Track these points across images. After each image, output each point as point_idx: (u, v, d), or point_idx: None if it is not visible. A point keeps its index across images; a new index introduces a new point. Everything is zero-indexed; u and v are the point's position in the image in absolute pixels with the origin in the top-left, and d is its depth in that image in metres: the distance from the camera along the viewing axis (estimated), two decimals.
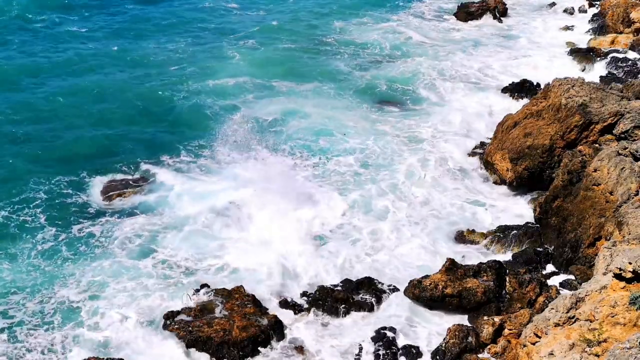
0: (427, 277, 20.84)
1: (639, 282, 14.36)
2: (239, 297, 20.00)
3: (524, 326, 17.13)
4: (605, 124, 25.36)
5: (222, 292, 20.29)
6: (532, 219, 25.01)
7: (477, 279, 20.56)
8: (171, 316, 19.34)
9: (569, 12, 52.71)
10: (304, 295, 21.15)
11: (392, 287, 21.34)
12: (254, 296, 20.26)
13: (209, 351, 18.53)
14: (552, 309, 15.47)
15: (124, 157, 28.89)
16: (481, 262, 21.59)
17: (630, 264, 14.37)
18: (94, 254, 22.82)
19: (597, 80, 35.48)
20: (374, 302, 20.81)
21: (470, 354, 18.19)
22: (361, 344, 19.09)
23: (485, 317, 19.39)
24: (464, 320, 19.99)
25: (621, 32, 44.31)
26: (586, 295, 15.11)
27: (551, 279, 21.59)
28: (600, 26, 47.32)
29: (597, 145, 25.06)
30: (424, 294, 20.37)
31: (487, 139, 30.17)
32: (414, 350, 18.85)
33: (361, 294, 21.08)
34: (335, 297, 20.66)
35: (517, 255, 22.89)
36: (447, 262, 20.96)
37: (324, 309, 20.48)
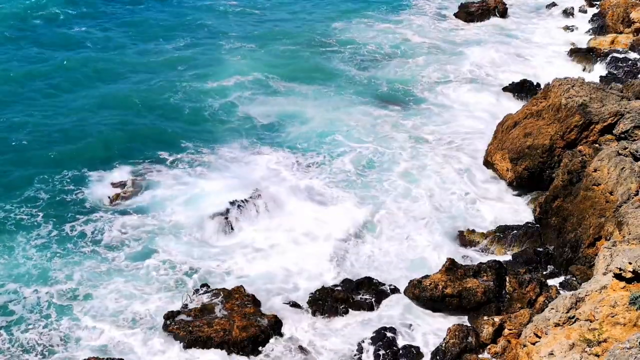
0: (427, 277, 20.85)
1: (639, 282, 14.36)
2: (239, 297, 20.00)
3: (524, 326, 17.11)
4: (605, 124, 25.36)
5: (222, 292, 20.30)
6: (532, 219, 25.01)
7: (477, 279, 20.56)
8: (171, 316, 19.34)
9: (568, 13, 52.72)
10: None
11: (392, 287, 21.36)
12: (254, 296, 20.26)
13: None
14: (552, 309, 15.46)
15: (124, 157, 28.85)
16: (481, 262, 21.60)
17: (630, 264, 14.36)
18: (94, 253, 22.80)
19: (597, 80, 35.49)
20: (374, 302, 20.82)
21: (470, 354, 18.18)
22: (361, 344, 19.07)
23: (485, 317, 19.39)
24: (463, 320, 20.01)
25: (621, 32, 44.33)
26: (586, 295, 15.11)
27: (551, 279, 21.59)
28: (600, 26, 47.35)
29: (597, 145, 25.05)
30: (424, 294, 20.37)
31: (488, 139, 30.14)
32: (414, 350, 18.84)
33: (361, 294, 21.09)
34: (335, 297, 20.67)
35: (517, 255, 22.89)
36: (447, 262, 20.96)
37: (324, 309, 20.48)
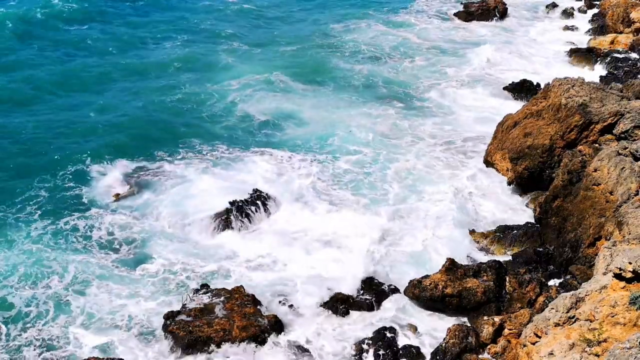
0: (427, 277, 20.84)
1: (639, 282, 14.35)
2: (239, 297, 19.98)
3: (524, 326, 17.11)
4: (605, 124, 25.36)
5: (222, 292, 20.29)
6: (532, 219, 25.00)
7: (477, 279, 20.55)
8: (171, 316, 19.32)
9: (568, 13, 52.74)
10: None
11: (392, 287, 21.35)
12: (253, 296, 20.24)
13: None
14: (552, 308, 15.45)
15: (124, 157, 28.87)
16: (481, 262, 21.60)
17: (630, 263, 14.36)
18: (94, 252, 22.82)
19: (597, 80, 35.49)
20: (374, 302, 20.81)
21: (470, 354, 18.17)
22: (361, 344, 19.07)
23: (485, 317, 19.38)
24: (463, 320, 19.99)
25: (621, 32, 44.35)
26: (586, 295, 15.10)
27: (551, 279, 21.58)
28: (600, 26, 47.37)
29: (597, 145, 25.04)
30: (424, 294, 20.36)
31: (487, 139, 30.14)
32: (414, 350, 18.82)
33: (361, 293, 21.08)
34: (335, 297, 20.67)
35: (517, 255, 22.88)
36: (447, 262, 20.94)
37: (323, 308, 20.46)
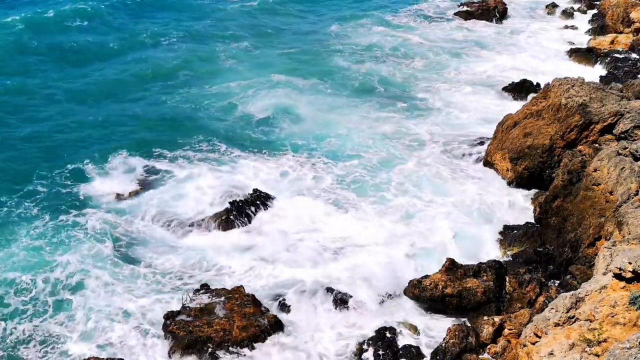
0: (427, 277, 20.83)
1: (639, 282, 14.35)
2: (239, 297, 19.99)
3: (524, 326, 17.10)
4: (605, 124, 25.36)
5: (222, 292, 20.29)
6: (532, 219, 25.00)
7: (477, 279, 20.55)
8: (171, 316, 19.33)
9: (568, 13, 52.75)
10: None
11: (392, 287, 21.31)
12: (253, 296, 20.24)
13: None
14: (552, 308, 15.45)
15: (124, 157, 28.87)
16: (481, 262, 21.60)
17: (630, 263, 14.35)
18: (93, 251, 22.79)
19: (597, 80, 35.49)
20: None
21: (470, 354, 18.17)
22: (361, 344, 19.07)
23: (485, 317, 19.38)
24: (464, 320, 19.99)
25: (621, 32, 44.37)
26: (586, 295, 15.10)
27: (551, 279, 21.57)
28: (600, 26, 47.37)
29: (597, 145, 25.04)
30: (424, 294, 20.36)
31: (488, 139, 30.15)
32: (414, 350, 18.83)
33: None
34: (335, 297, 20.65)
35: (517, 255, 22.88)
36: (447, 262, 20.94)
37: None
